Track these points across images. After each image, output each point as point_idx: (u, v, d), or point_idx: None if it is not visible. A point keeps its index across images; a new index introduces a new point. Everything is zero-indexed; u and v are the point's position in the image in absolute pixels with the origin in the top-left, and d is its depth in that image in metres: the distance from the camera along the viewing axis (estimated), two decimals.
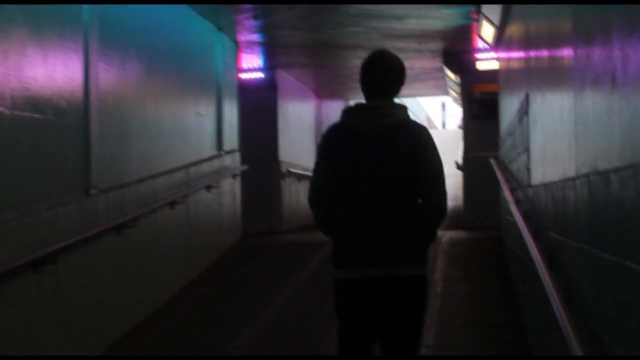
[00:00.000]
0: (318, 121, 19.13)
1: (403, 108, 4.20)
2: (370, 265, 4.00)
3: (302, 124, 17.52)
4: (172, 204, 8.66)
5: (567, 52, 4.04)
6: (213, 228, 10.54)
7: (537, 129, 5.83)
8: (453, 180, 21.87)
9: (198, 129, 10.05)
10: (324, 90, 18.60)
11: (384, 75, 4.16)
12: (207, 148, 10.46)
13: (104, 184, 6.90)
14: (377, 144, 4.06)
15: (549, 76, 4.98)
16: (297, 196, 16.36)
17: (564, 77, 4.21)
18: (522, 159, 7.18)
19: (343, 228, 4.11)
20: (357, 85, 4.57)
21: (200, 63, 10.36)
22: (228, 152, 11.46)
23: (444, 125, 50.57)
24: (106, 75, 7.05)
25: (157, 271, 8.22)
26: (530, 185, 6.39)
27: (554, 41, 4.68)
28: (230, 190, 11.55)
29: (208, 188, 10.22)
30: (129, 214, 7.27)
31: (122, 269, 7.28)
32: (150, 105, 8.22)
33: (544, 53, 5.24)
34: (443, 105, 49.91)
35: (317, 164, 4.22)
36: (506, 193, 7.67)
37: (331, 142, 4.16)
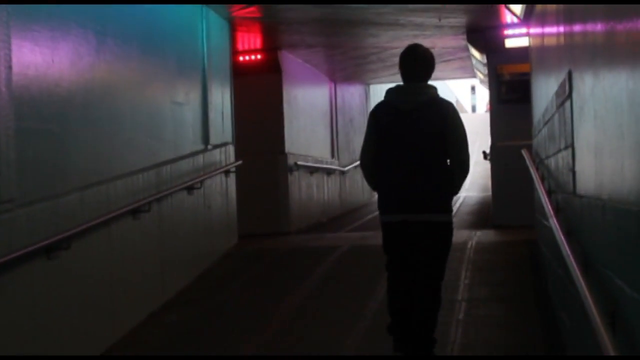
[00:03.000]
0: (333, 107, 17.49)
1: (433, 88, 5.34)
2: (406, 212, 5.17)
3: (314, 111, 15.93)
4: (135, 212, 7.15)
5: None
6: (197, 236, 9.01)
7: (585, 118, 4.23)
8: (482, 168, 20.30)
9: (175, 121, 8.52)
10: (338, 73, 16.97)
11: (416, 65, 5.32)
12: (189, 142, 8.93)
13: (26, 196, 5.39)
14: (413, 116, 5.19)
15: (608, 49, 3.39)
16: (308, 191, 14.77)
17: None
18: (563, 156, 5.57)
19: (386, 182, 5.28)
20: (375, 67, 9.40)
21: (176, 43, 8.79)
22: (218, 146, 9.93)
23: (474, 109, 49.29)
24: (29, 57, 5.52)
25: (113, 297, 6.72)
26: (576, 194, 4.79)
27: (619, 8, 3.07)
28: (221, 189, 10.01)
29: (190, 189, 8.69)
30: (64, 231, 5.74)
31: (58, 302, 5.77)
32: (100, 94, 6.68)
33: (599, 23, 3.63)
34: (473, 88, 48.69)
35: (367, 133, 5.40)
36: (543, 199, 6.06)
37: (377, 116, 5.33)
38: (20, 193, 5.29)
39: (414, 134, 5.17)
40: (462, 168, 5.26)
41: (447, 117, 5.21)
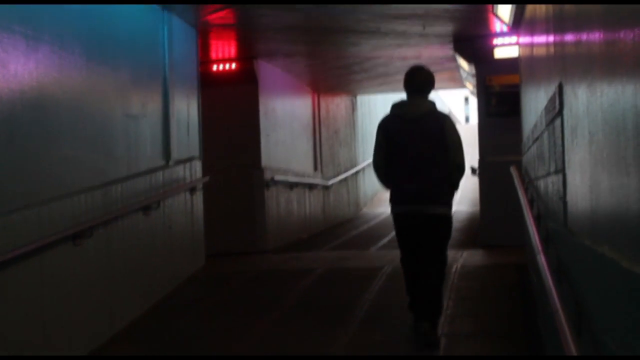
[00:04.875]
0: (316, 119, 16.72)
1: (432, 102, 6.45)
2: (413, 204, 6.27)
3: (295, 123, 15.17)
4: (75, 238, 6.39)
5: None
6: (155, 259, 8.22)
7: (579, 141, 3.49)
8: (472, 182, 19.52)
9: (128, 135, 7.74)
10: (321, 83, 16.22)
11: (418, 83, 6.44)
12: (145, 158, 8.15)
13: None
14: (415, 124, 6.28)
15: (608, 59, 2.64)
16: (288, 207, 14.01)
17: None
18: (553, 181, 4.84)
19: (396, 180, 6.35)
20: (359, 77, 11.42)
21: (130, 50, 7.99)
22: (181, 162, 9.15)
23: (467, 120, 48.76)
24: None
25: (46, 335, 5.94)
26: (567, 228, 4.05)
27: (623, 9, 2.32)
28: (185, 208, 9.24)
29: (146, 209, 7.92)
30: None
31: None
32: (31, 107, 5.90)
33: (596, 28, 2.88)
34: (466, 99, 48.18)
35: (377, 141, 6.44)
36: (530, 229, 5.32)
37: (386, 124, 6.43)
38: None
39: (417, 140, 6.23)
40: (458, 170, 6.30)
41: (444, 125, 6.27)
